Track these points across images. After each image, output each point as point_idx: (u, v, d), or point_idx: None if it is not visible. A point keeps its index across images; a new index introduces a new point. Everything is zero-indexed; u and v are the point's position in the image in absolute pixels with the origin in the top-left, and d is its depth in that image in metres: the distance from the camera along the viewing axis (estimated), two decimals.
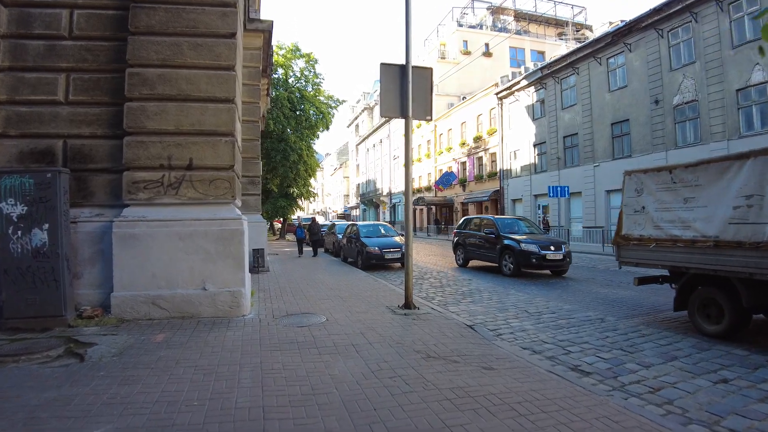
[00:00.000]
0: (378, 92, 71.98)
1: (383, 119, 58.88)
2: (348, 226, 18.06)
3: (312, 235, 20.62)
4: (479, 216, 18.94)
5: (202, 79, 7.38)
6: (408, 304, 7.78)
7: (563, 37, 50.92)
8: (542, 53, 49.42)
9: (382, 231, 16.56)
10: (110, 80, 7.36)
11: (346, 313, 7.50)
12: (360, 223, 17.98)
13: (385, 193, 56.75)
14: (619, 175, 9.29)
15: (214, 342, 5.66)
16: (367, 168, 67.41)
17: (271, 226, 50.74)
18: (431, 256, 20.32)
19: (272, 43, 16.58)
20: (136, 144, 7.16)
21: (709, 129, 20.22)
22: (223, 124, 7.34)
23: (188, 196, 7.23)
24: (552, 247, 12.87)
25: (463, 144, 38.97)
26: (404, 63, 7.90)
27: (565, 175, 28.05)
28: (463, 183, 38.94)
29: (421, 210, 46.55)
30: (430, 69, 8.59)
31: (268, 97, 20.37)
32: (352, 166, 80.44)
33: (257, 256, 12.60)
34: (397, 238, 15.98)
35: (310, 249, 20.98)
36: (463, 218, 16.57)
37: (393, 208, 54.24)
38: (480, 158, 37.21)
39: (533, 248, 12.69)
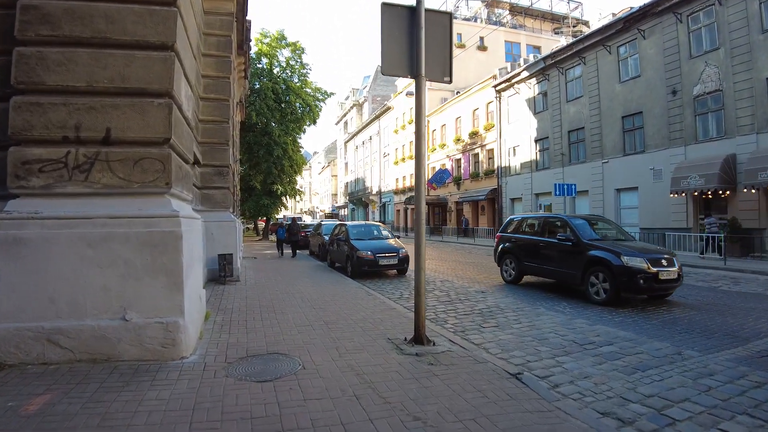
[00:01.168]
0: (368, 89, 70.07)
1: (373, 115, 56.75)
2: (336, 227, 15.81)
3: (291, 236, 20.11)
4: (540, 215, 14.11)
5: (128, 15, 5.09)
6: (419, 337, 5.57)
7: (559, 32, 49.33)
8: (538, 48, 47.59)
9: (375, 232, 14.36)
10: None
11: (331, 351, 5.26)
12: (349, 223, 15.75)
13: (374, 192, 54.56)
14: (631, 172, 7.20)
15: (119, 416, 3.42)
16: (356, 166, 65.18)
17: (255, 226, 48.40)
18: (439, 261, 18.14)
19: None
20: (29, 107, 4.87)
21: (736, 121, 18.30)
22: (155, 80, 5.07)
23: (103, 182, 4.95)
24: (664, 262, 8.81)
25: (458, 140, 36.91)
26: (415, 3, 5.72)
27: (570, 172, 26.08)
28: (457, 181, 36.87)
29: (413, 209, 44.37)
30: (449, 14, 6.43)
31: (245, 81, 18.07)
32: (340, 164, 78.18)
33: (224, 263, 10.32)
34: (392, 241, 13.79)
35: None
36: (510, 218, 12.79)
37: (383, 207, 52.07)
38: (476, 155, 35.16)
39: (640, 264, 8.57)
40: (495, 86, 32.42)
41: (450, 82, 6.21)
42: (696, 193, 19.03)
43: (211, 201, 10.89)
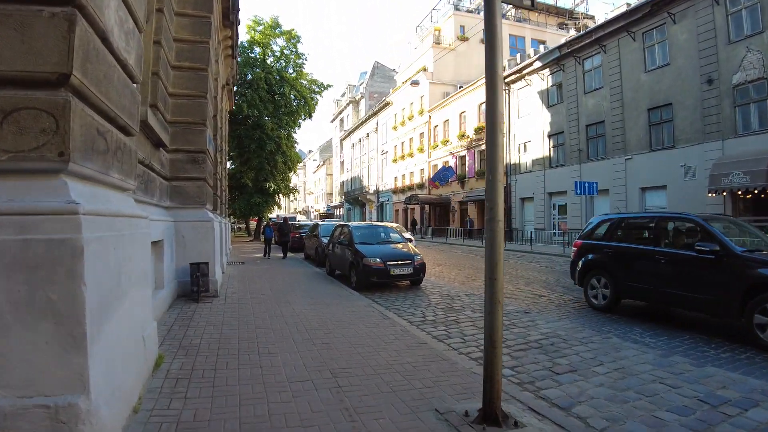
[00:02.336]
0: (364, 85, 67.84)
1: (370, 112, 54.57)
2: (337, 228, 13.53)
3: (282, 236, 19.40)
4: (653, 214, 10.01)
5: None
6: (492, 415, 3.39)
7: (564, 26, 47.49)
8: (543, 42, 45.74)
9: (383, 235, 12.14)
10: None
11: None
12: (353, 223, 13.84)
13: (371, 191, 52.35)
14: (658, 169, 5.08)
15: None
16: (352, 165, 62.93)
17: (247, 227, 46.07)
18: (453, 269, 15.98)
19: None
20: None
21: None
22: None
23: None
24: None
25: (463, 136, 34.78)
26: None
27: (588, 169, 24.01)
28: (461, 180, 34.74)
29: (413, 209, 42.26)
30: None
31: (233, 60, 15.83)
32: (336, 163, 75.89)
33: (197, 274, 8.10)
34: (404, 246, 11.58)
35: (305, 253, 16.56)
36: (598, 218, 9.26)
37: (381, 207, 49.88)
38: (482, 151, 32.99)
39: None
40: (504, 78, 30.26)
41: (532, 5, 4.01)
42: (740, 193, 16.98)
43: (182, 196, 8.68)
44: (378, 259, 10.19)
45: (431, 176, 36.60)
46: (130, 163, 4.35)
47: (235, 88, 32.08)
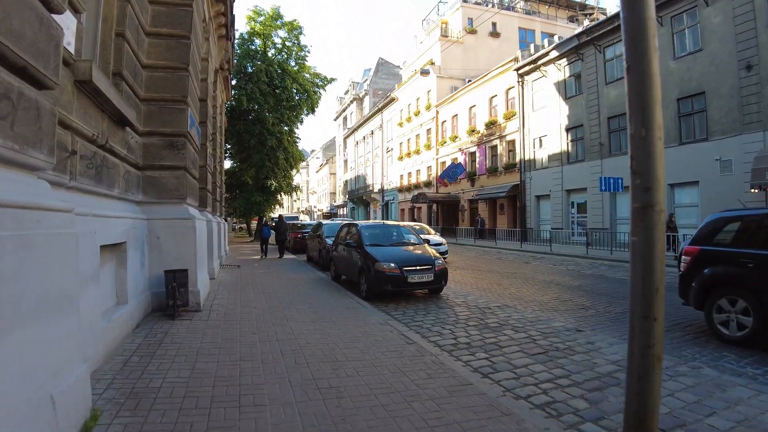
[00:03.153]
0: (368, 82, 66.30)
1: (374, 108, 53.04)
2: (343, 228, 11.93)
3: (278, 235, 19.26)
4: None
5: None
6: None
7: (575, 19, 45.87)
8: (553, 36, 44.19)
9: (397, 236, 10.54)
10: None
11: None
12: (363, 222, 12.18)
13: (376, 190, 50.78)
14: (689, 163, 3.64)
15: None
16: (356, 163, 61.39)
17: (248, 226, 44.56)
18: (473, 272, 14.41)
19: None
20: None
21: None
22: None
23: None
24: None
25: (473, 131, 33.17)
26: None
27: (611, 165, 22.37)
28: (471, 177, 33.11)
29: (419, 208, 40.69)
30: None
31: (227, 42, 14.30)
32: (339, 161, 74.32)
33: (174, 284, 6.57)
34: (421, 248, 10.00)
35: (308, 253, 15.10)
36: (721, 214, 6.85)
37: (386, 206, 48.31)
38: (494, 147, 31.41)
39: None
40: (517, 69, 28.72)
41: None
42: None
43: (157, 188, 7.15)
44: (392, 265, 8.63)
45: (439, 174, 35.02)
46: (38, 128, 2.82)
47: (234, 81, 30.71)
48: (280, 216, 23.75)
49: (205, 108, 11.19)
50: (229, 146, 33.09)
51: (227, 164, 46.77)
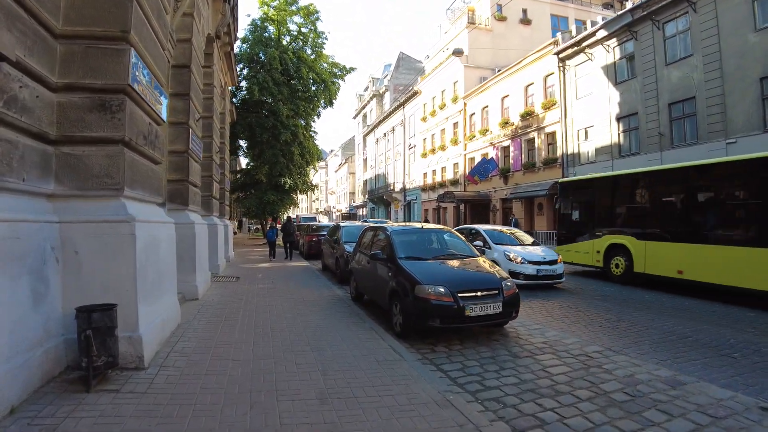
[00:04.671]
0: (389, 77, 63.59)
1: (396, 104, 50.31)
2: (366, 232, 9.25)
3: (286, 236, 18.99)
4: None
5: None
6: None
7: (609, 6, 42.63)
8: (586, 23, 41.08)
9: (440, 244, 7.69)
10: None
11: None
12: (393, 225, 9.11)
13: (397, 189, 47.97)
14: None
15: None
16: (376, 162, 58.69)
17: (262, 228, 42.08)
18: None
19: None
20: None
21: None
22: None
23: None
24: None
25: (506, 124, 30.17)
26: None
27: (673, 157, 19.17)
28: (504, 174, 30.09)
29: (445, 209, 37.77)
30: None
31: (226, 5, 11.69)
32: (358, 160, 71.75)
33: (86, 332, 3.89)
34: (474, 263, 7.13)
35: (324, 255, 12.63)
36: None
37: (408, 206, 45.50)
38: (531, 141, 28.37)
39: None
40: (557, 53, 25.71)
41: None
42: None
43: (79, 173, 4.54)
44: (442, 289, 5.83)
45: (469, 170, 32.07)
46: None
47: (245, 69, 28.35)
48: (288, 217, 22.53)
49: (186, 77, 8.58)
50: (240, 139, 30.71)
51: (240, 162, 44.88)
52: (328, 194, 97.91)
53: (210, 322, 6.59)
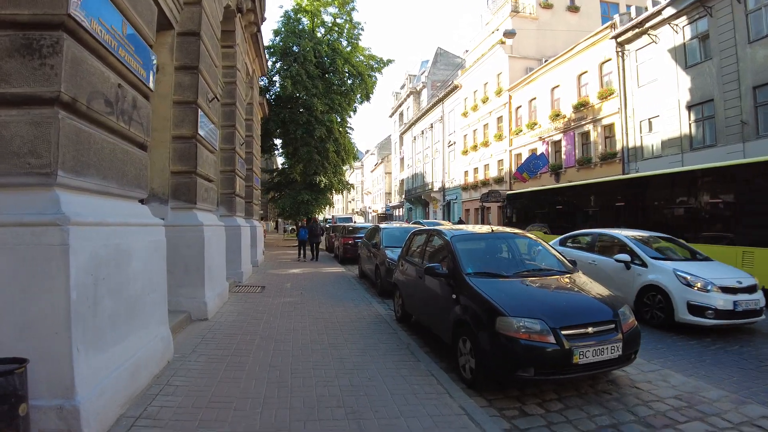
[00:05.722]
0: (426, 73, 61.61)
1: (434, 100, 48.33)
2: (417, 237, 7.37)
3: (312, 237, 19.12)
4: None
5: None
6: None
7: None
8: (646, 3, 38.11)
9: (514, 252, 5.74)
10: None
11: None
12: (453, 229, 6.30)
13: (436, 189, 45.96)
14: None
15: None
16: (413, 160, 56.79)
17: (297, 228, 40.87)
18: None
19: None
20: None
21: None
22: None
23: None
24: None
25: (556, 116, 27.81)
26: None
27: (758, 149, 16.63)
28: (556, 170, 27.73)
29: (488, 209, 35.55)
30: None
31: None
32: (395, 160, 70.01)
33: None
34: (574, 286, 4.95)
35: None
36: None
37: (447, 206, 43.44)
38: (586, 134, 25.95)
39: None
40: (615, 37, 23.27)
41: None
42: None
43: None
44: (537, 325, 3.95)
45: (517, 167, 29.82)
46: None
47: (277, 63, 27.02)
48: (314, 218, 22.82)
49: (194, 46, 7.01)
50: (278, 142, 29.49)
51: (276, 161, 43.84)
52: (364, 194, 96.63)
53: (211, 359, 4.92)
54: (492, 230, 6.29)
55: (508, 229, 6.48)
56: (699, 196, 12.00)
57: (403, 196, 59.42)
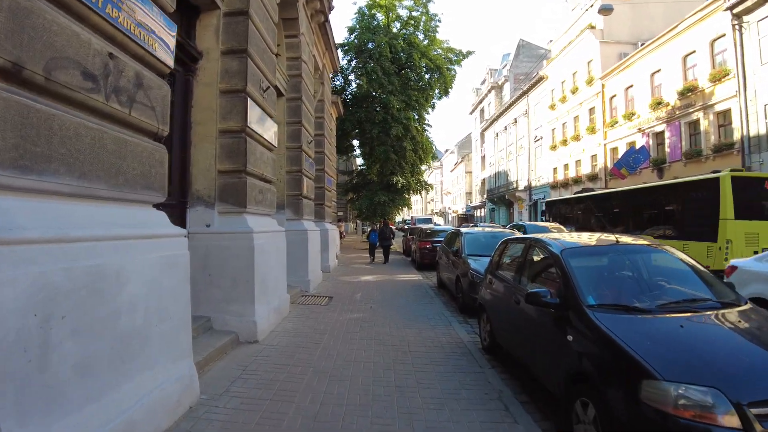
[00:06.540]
0: (508, 67, 58.82)
1: (517, 94, 45.80)
2: (511, 245, 5.84)
3: (383, 240, 19.29)
4: None
5: None
6: None
7: None
8: None
9: (650, 273, 4.07)
10: None
11: None
12: (565, 240, 4.67)
13: (521, 188, 43.45)
14: None
15: None
16: (495, 158, 54.34)
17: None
18: None
19: None
20: None
21: None
22: None
23: None
24: None
25: (658, 104, 24.78)
26: None
27: None
28: (658, 165, 24.73)
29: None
30: None
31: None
32: (475, 158, 67.69)
33: None
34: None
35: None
36: None
37: (533, 205, 40.84)
38: (694, 123, 22.84)
39: None
40: (730, 8, 20.14)
41: None
42: None
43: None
44: (709, 397, 2.44)
45: (614, 162, 27.03)
46: None
47: (352, 61, 26.32)
48: (385, 221, 22.83)
49: (243, 27, 6.08)
50: (356, 143, 28.86)
51: (356, 163, 43.51)
52: (444, 195, 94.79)
53: (244, 406, 3.84)
54: (617, 240, 4.57)
55: (638, 240, 4.78)
56: None
57: (485, 196, 57.11)
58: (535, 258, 4.77)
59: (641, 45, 28.12)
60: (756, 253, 9.06)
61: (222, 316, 5.74)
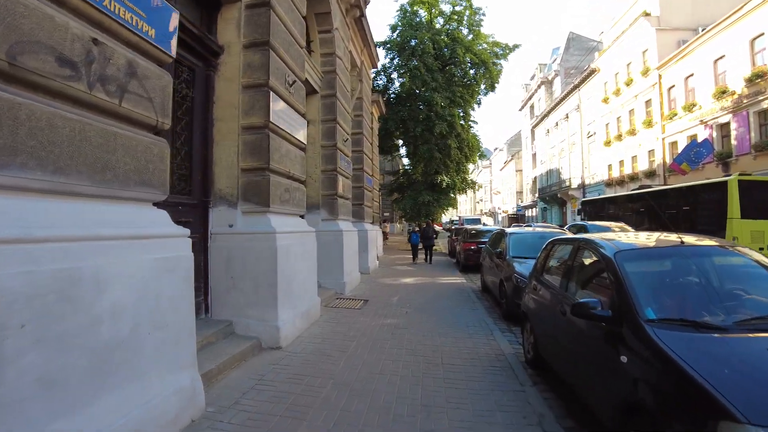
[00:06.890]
0: (557, 61, 56.82)
1: (568, 88, 44.10)
2: (558, 247, 5.22)
3: (425, 240, 19.33)
4: None
5: None
6: None
7: None
8: None
9: (721, 280, 3.39)
10: None
11: None
12: (619, 240, 4.02)
13: (574, 186, 41.78)
14: None
15: None
16: (546, 155, 52.60)
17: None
18: None
19: None
20: None
21: None
22: None
23: None
24: None
25: (723, 94, 23.03)
26: None
27: None
28: (724, 159, 22.99)
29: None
30: None
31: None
32: (525, 156, 65.88)
33: None
34: None
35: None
36: None
37: None
38: (764, 112, 21.07)
39: None
40: None
41: None
42: None
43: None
44: None
45: (673, 157, 25.37)
46: None
47: (395, 59, 25.91)
48: (428, 222, 22.17)
49: (264, 18, 5.81)
50: (395, 137, 28.45)
51: (401, 163, 43.10)
52: (493, 194, 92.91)
53: (250, 422, 3.48)
54: (682, 241, 3.74)
55: (704, 240, 4.03)
56: None
57: (536, 195, 55.40)
58: (585, 261, 4.18)
59: (702, 30, 26.30)
60: (761, 249, 10.03)
61: (244, 320, 5.47)
